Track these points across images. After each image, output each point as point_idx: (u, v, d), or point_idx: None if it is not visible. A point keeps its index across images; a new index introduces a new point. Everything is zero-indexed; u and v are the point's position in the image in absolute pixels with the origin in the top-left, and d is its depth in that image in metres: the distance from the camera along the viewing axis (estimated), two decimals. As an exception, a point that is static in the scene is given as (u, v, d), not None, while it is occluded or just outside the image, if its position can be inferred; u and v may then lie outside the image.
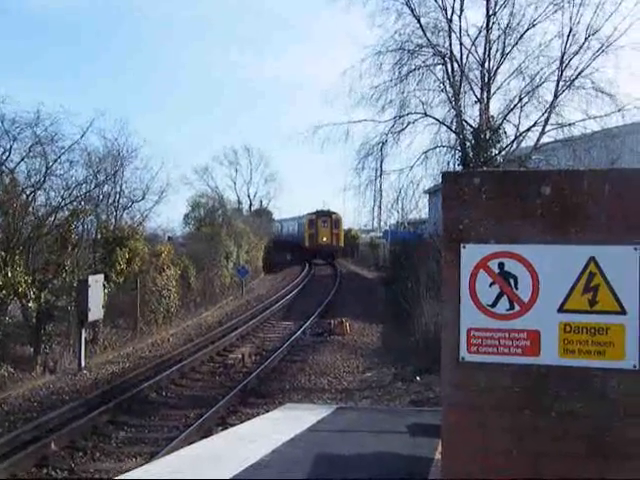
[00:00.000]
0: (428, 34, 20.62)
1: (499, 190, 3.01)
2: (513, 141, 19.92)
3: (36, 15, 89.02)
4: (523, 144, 20.75)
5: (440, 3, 20.60)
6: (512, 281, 3.00)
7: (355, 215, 38.65)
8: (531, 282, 2.98)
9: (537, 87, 19.87)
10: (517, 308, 2.99)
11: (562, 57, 19.46)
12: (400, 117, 20.90)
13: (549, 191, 2.96)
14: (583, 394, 2.88)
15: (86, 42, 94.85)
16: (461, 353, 3.02)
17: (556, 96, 19.37)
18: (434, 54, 20.68)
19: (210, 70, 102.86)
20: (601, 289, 2.92)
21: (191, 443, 8.83)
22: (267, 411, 10.80)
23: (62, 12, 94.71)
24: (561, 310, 2.96)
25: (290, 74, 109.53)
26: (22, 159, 18.42)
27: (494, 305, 3.01)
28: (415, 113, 20.93)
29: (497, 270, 3.00)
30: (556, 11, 19.54)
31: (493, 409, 2.94)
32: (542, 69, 19.90)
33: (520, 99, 19.88)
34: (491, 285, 3.02)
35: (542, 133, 19.66)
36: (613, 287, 2.91)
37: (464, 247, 3.03)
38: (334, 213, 54.96)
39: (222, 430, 10.06)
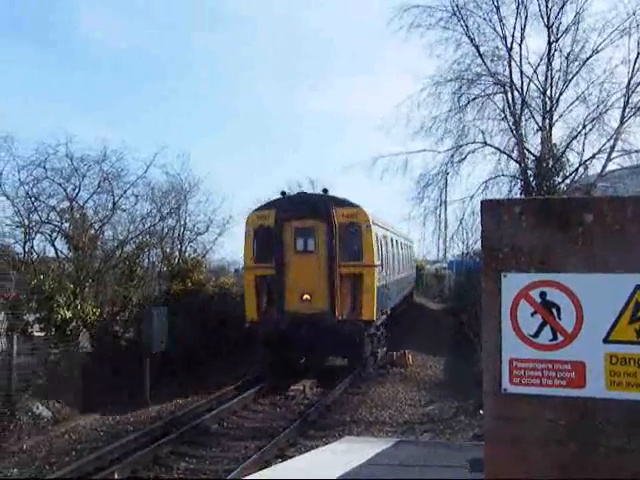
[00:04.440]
0: (487, 63, 20.63)
1: (540, 218, 2.98)
2: (577, 169, 19.55)
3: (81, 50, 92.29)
4: (589, 172, 20.34)
5: (500, 32, 20.60)
6: (555, 311, 2.94)
7: (419, 245, 36.98)
8: (575, 312, 2.91)
9: (602, 114, 19.51)
10: (560, 338, 2.93)
11: (629, 83, 19.11)
12: (460, 147, 20.84)
13: (591, 218, 2.91)
14: (632, 429, 2.78)
15: (134, 74, 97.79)
16: (503, 384, 2.97)
17: (622, 122, 18.96)
18: (494, 83, 20.62)
19: (264, 102, 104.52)
20: (649, 319, 2.83)
21: (250, 474, 8.87)
22: (326, 443, 10.73)
23: (104, 44, 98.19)
24: (607, 341, 2.88)
25: (345, 106, 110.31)
26: (91, 195, 19.16)
27: (536, 335, 2.96)
28: (475, 142, 20.84)
29: (539, 300, 2.96)
30: (622, 36, 19.22)
31: (537, 442, 2.87)
32: (607, 96, 19.56)
33: (584, 126, 19.56)
34: (533, 315, 2.97)
35: (608, 160, 19.25)
36: (661, 317, 2.81)
37: (505, 276, 3.00)
38: (342, 202, 17.68)
39: (281, 462, 10.04)
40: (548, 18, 20.24)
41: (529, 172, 19.78)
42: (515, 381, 2.95)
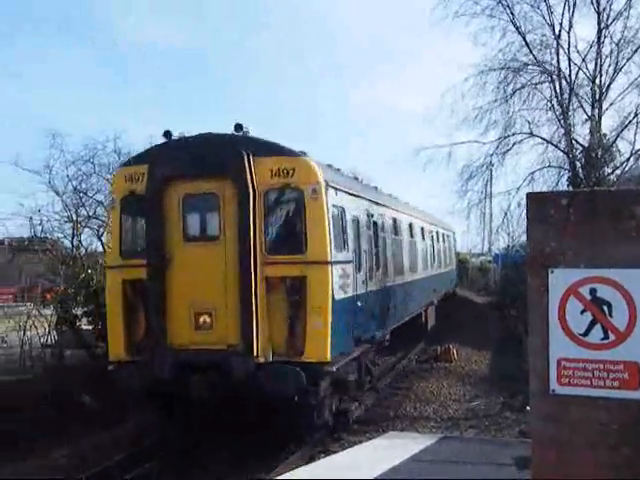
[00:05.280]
0: (534, 51, 20.21)
1: (589, 211, 2.85)
2: (628, 159, 19.01)
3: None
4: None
5: (547, 19, 20.14)
6: (606, 308, 2.81)
7: (463, 239, 35.63)
8: (627, 309, 2.78)
9: (655, 101, 18.92)
10: (612, 337, 2.80)
11: (684, 68, 18.49)
12: (505, 137, 20.47)
13: (645, 211, 2.76)
14: (689, 433, 2.63)
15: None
16: (551, 385, 2.85)
17: (676, 110, 18.36)
18: (541, 72, 20.19)
19: (314, 97, 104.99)
20: None
21: (294, 469, 8.86)
22: (370, 439, 10.66)
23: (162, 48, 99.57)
24: (662, 340, 2.73)
25: (389, 99, 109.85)
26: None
27: (586, 334, 2.84)
28: (521, 133, 20.46)
29: (589, 296, 2.83)
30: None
31: (587, 446, 2.75)
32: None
33: (636, 114, 18.99)
34: (582, 312, 2.84)
35: (662, 150, 18.65)
36: None
37: (552, 272, 2.87)
38: (268, 149, 10.45)
39: (324, 457, 10.01)
40: (598, 4, 19.70)
41: (577, 163, 19.32)
42: (564, 382, 2.83)
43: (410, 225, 18.95)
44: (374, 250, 13.71)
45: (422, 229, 21.27)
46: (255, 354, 9.87)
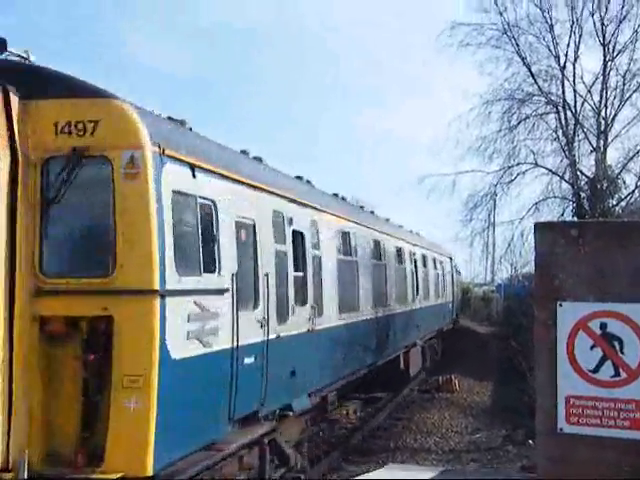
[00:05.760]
0: (539, 82, 20.36)
1: (599, 242, 2.74)
2: (633, 191, 18.99)
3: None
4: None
5: (553, 51, 20.29)
6: (617, 344, 2.70)
7: (466, 268, 35.32)
8: (639, 346, 2.66)
9: (661, 133, 18.96)
10: (623, 375, 2.68)
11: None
12: (509, 167, 20.49)
13: (659, 244, 2.66)
14: None
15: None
16: (559, 423, 2.73)
17: (683, 142, 18.38)
18: (546, 102, 20.31)
19: (321, 120, 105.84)
20: None
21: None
22: (369, 470, 10.46)
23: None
24: (676, 379, 2.62)
25: (394, 125, 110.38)
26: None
27: (596, 370, 2.72)
28: (525, 163, 20.48)
29: (599, 331, 2.71)
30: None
31: (598, 488, 2.62)
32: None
33: (642, 147, 19.03)
34: (592, 348, 2.73)
35: (667, 182, 18.63)
36: None
37: (560, 305, 2.76)
38: (44, 82, 6.04)
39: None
40: (604, 36, 19.87)
41: (582, 194, 19.28)
42: (572, 420, 2.71)
43: (376, 243, 14.65)
44: (294, 275, 9.43)
45: (399, 250, 17.05)
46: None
